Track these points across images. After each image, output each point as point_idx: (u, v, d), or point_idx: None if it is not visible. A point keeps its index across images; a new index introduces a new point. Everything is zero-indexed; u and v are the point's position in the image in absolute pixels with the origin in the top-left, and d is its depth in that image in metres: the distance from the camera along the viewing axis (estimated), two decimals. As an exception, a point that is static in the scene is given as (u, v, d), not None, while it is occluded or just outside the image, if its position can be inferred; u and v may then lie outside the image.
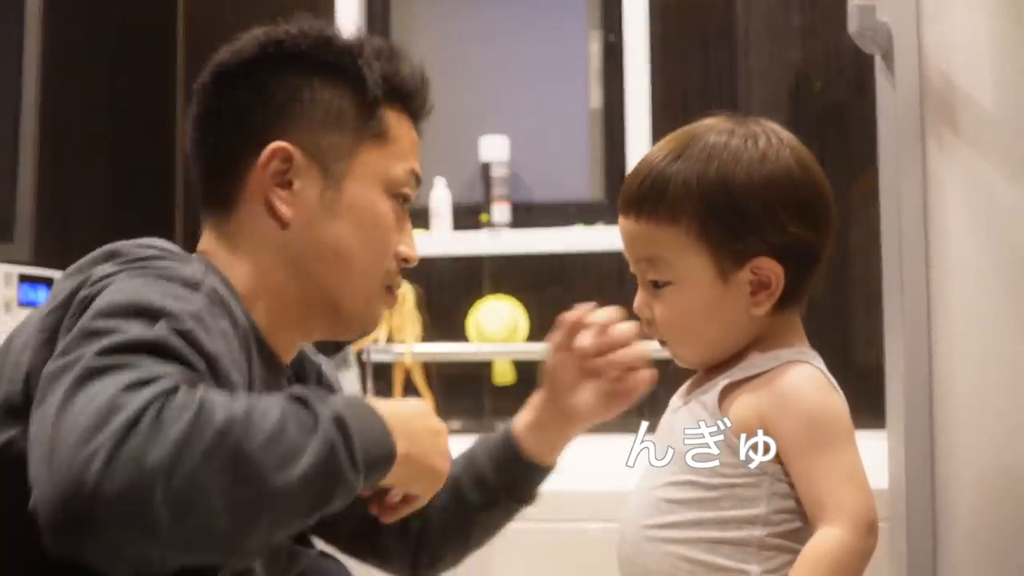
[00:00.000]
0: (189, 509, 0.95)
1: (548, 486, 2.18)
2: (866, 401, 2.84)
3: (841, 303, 2.97)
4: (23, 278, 2.56)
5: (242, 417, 1.00)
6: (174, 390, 0.99)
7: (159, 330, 1.06)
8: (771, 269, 1.19)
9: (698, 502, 1.16)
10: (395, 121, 1.36)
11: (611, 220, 3.16)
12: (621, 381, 1.42)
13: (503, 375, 3.15)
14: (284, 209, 1.30)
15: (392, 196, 1.36)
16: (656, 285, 1.22)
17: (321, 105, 1.31)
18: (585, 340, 1.41)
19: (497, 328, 3.05)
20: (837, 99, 3.10)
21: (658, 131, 3.08)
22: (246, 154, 1.29)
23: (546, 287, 3.18)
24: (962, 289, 1.59)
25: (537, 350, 3.11)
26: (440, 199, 3.15)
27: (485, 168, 3.10)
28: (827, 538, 1.10)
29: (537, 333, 3.13)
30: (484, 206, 3.12)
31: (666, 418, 1.28)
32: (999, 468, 1.57)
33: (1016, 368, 1.55)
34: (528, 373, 3.11)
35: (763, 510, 1.14)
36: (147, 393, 0.98)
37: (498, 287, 3.18)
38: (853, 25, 1.61)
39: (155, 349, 1.04)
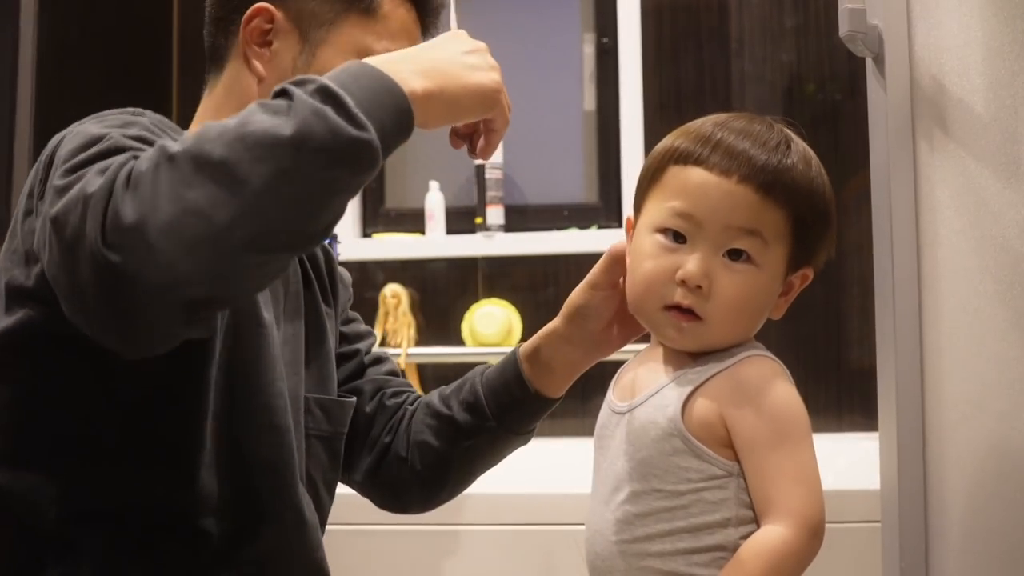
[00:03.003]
0: (184, 232, 0.97)
1: (516, 489, 2.17)
2: (859, 403, 2.86)
3: (833, 305, 2.97)
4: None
5: (198, 133, 1.02)
6: (134, 157, 1.02)
7: (107, 140, 1.11)
8: (806, 280, 1.23)
9: (667, 511, 1.13)
10: (391, 3, 1.42)
11: (605, 223, 3.17)
12: None
13: (497, 377, 3.15)
14: (259, 66, 1.39)
15: None
16: (734, 257, 1.16)
17: None
18: None
19: (491, 331, 3.05)
20: (830, 101, 3.11)
21: (651, 133, 3.09)
22: (238, 17, 1.38)
23: (540, 290, 3.19)
24: (953, 291, 1.59)
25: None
26: (434, 202, 3.15)
27: (479, 171, 3.10)
28: (770, 535, 1.09)
29: (531, 335, 3.13)
30: (478, 209, 3.13)
31: (609, 420, 1.24)
32: (991, 470, 1.57)
33: (1007, 369, 1.56)
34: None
35: (733, 512, 1.12)
36: (110, 172, 1.00)
37: (492, 290, 3.18)
38: (844, 28, 1.61)
39: (108, 153, 1.08)
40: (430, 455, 1.52)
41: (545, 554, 2.23)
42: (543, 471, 2.38)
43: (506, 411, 1.47)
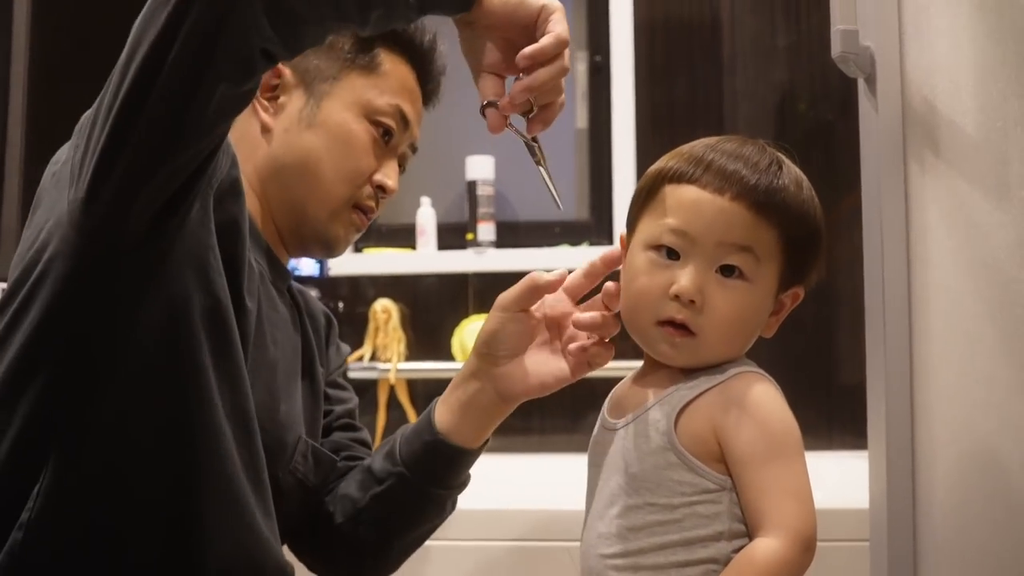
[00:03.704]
0: None
1: (507, 505, 2.16)
2: (848, 421, 2.86)
3: (824, 323, 2.97)
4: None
5: None
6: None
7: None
8: (796, 299, 1.24)
9: (661, 525, 1.14)
10: (392, 63, 1.52)
11: (596, 240, 3.17)
12: (577, 353, 1.35)
13: (487, 393, 3.15)
14: (266, 117, 1.49)
15: (371, 122, 1.50)
16: (727, 273, 1.18)
17: None
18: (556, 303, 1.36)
19: (482, 346, 3.05)
20: (822, 120, 3.12)
21: (643, 151, 3.09)
22: None
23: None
24: (943, 310, 1.60)
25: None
26: (426, 218, 3.15)
27: (471, 187, 3.10)
28: (763, 548, 1.10)
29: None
30: (469, 225, 3.13)
31: (603, 437, 1.25)
32: (980, 489, 1.58)
33: (997, 389, 1.56)
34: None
35: (726, 525, 1.13)
36: None
37: (483, 305, 3.18)
38: (836, 49, 1.62)
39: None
40: (348, 506, 1.50)
41: (537, 570, 2.22)
42: (534, 488, 2.38)
43: (417, 457, 1.44)
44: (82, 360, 1.21)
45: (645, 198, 1.23)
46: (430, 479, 1.44)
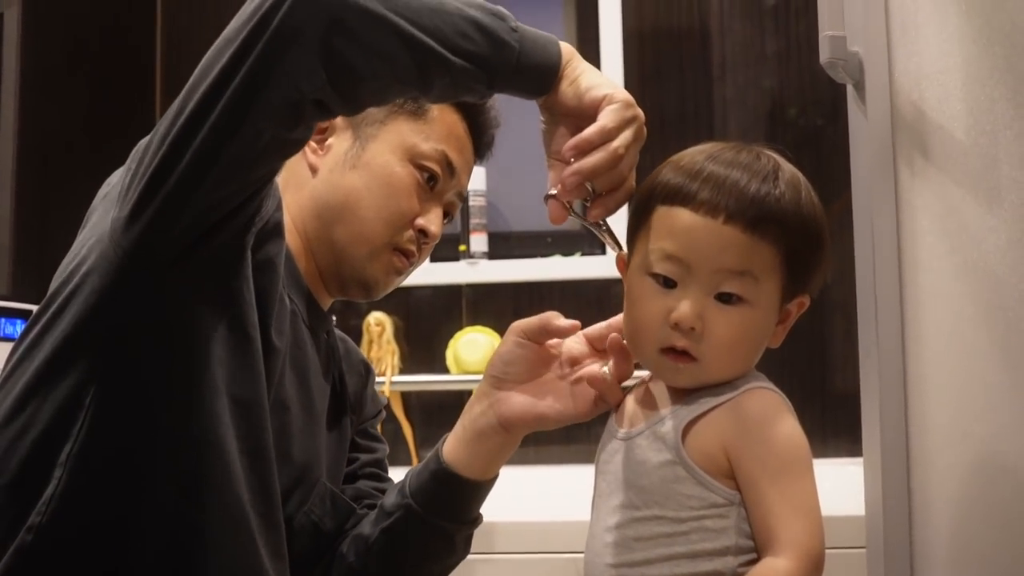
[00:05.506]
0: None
1: (515, 516, 2.13)
2: (843, 428, 2.86)
3: (817, 330, 2.97)
4: (0, 311, 2.55)
5: None
6: None
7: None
8: (802, 307, 1.22)
9: (668, 537, 1.13)
10: (440, 110, 1.53)
11: (588, 250, 3.17)
12: (585, 398, 1.33)
13: (482, 404, 3.14)
14: (314, 158, 1.52)
15: (415, 166, 1.51)
16: (725, 300, 1.15)
17: None
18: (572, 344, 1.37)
19: (475, 358, 3.05)
20: (812, 125, 3.12)
21: (635, 160, 3.10)
22: None
23: (524, 316, 3.18)
24: (935, 315, 1.60)
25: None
26: (418, 229, 3.15)
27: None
28: (772, 567, 1.09)
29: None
30: (462, 236, 3.12)
31: (610, 446, 1.24)
32: (975, 495, 1.58)
33: (991, 393, 1.56)
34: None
35: (733, 540, 1.12)
36: None
37: (476, 317, 3.18)
38: (825, 55, 1.62)
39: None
40: (360, 544, 1.50)
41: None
42: (531, 500, 2.38)
43: (424, 487, 1.43)
44: (105, 373, 1.24)
45: (639, 217, 1.21)
46: (436, 510, 1.43)
